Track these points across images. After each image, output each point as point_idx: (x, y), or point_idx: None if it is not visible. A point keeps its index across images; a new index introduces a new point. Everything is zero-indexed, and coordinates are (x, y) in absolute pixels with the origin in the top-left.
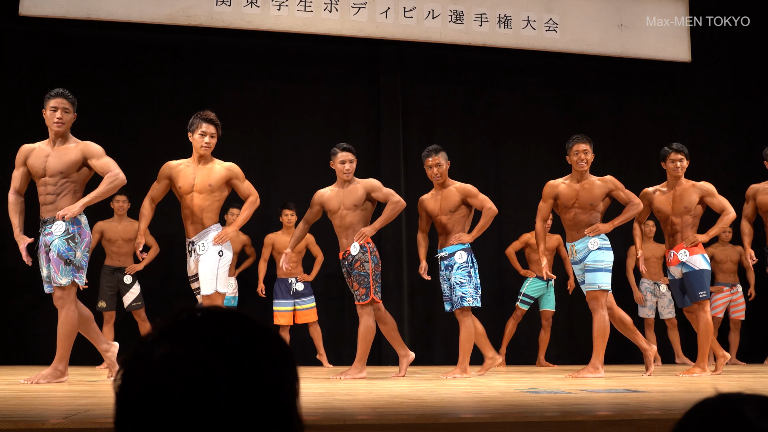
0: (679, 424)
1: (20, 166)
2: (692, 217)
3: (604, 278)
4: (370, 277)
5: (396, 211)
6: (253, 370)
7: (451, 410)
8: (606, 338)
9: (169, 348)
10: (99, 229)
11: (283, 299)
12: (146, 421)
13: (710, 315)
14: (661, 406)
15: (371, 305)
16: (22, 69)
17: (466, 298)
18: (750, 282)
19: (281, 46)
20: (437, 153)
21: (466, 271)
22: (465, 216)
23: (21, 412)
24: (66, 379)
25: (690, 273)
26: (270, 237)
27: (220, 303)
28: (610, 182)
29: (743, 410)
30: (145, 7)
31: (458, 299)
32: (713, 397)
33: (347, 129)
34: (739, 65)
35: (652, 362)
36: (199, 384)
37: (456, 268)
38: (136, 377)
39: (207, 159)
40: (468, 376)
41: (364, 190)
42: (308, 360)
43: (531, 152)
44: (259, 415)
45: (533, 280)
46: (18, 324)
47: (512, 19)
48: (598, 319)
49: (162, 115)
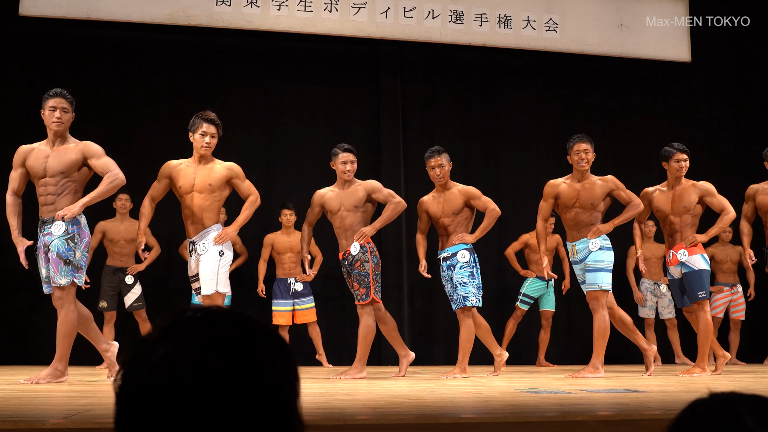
0: (672, 424)
1: (18, 167)
2: (692, 216)
3: (604, 278)
4: (371, 277)
5: (396, 211)
6: (253, 370)
7: (451, 410)
8: (606, 338)
9: (169, 348)
10: (101, 229)
11: (282, 299)
12: (146, 420)
13: (710, 315)
14: (661, 406)
15: (371, 305)
16: (22, 69)
17: (468, 297)
18: (750, 282)
19: (281, 46)
20: (440, 154)
21: (469, 270)
22: (468, 218)
23: (21, 412)
24: (66, 379)
25: (689, 273)
26: (269, 237)
27: (220, 303)
28: (611, 182)
29: (739, 412)
30: (145, 7)
31: (460, 299)
32: (707, 398)
33: (347, 129)
34: (739, 65)
35: (652, 362)
36: (199, 384)
37: (459, 268)
38: (137, 377)
39: (207, 159)
40: (468, 375)
41: (364, 192)
42: (308, 360)
43: (531, 152)
44: (260, 415)
45: (533, 280)
46: (18, 324)
47: (512, 19)
48: (598, 319)
49: (162, 115)
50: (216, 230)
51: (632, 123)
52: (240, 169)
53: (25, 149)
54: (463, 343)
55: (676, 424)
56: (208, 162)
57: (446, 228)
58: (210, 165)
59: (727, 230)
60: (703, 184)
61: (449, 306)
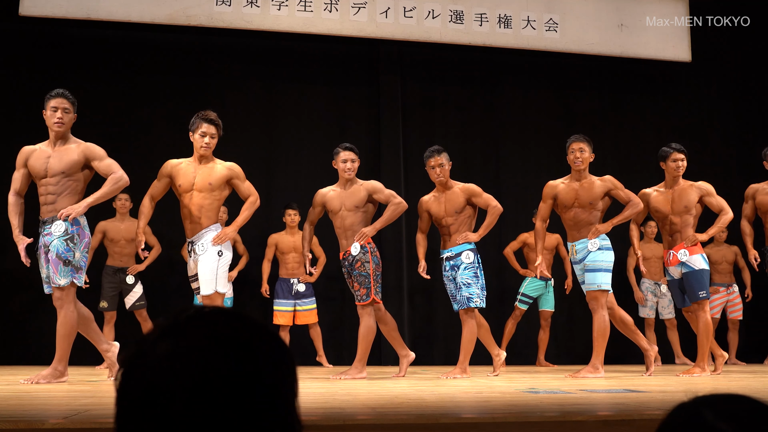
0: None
1: (21, 167)
2: (692, 216)
3: (603, 278)
4: (371, 278)
5: (397, 212)
6: (253, 369)
7: (451, 410)
8: (606, 338)
9: (170, 348)
10: (101, 228)
11: (284, 299)
12: (147, 420)
13: (710, 315)
14: (661, 406)
15: (371, 305)
16: (22, 69)
17: (473, 298)
18: (746, 282)
19: (281, 46)
20: (439, 153)
21: (473, 271)
22: (470, 216)
23: (21, 412)
24: (66, 379)
25: (690, 273)
26: (273, 237)
27: (219, 303)
28: (609, 182)
29: (701, 410)
30: (145, 7)
31: (464, 299)
32: (686, 402)
33: (347, 129)
34: (739, 65)
35: (652, 362)
36: (199, 383)
37: (463, 269)
38: (137, 377)
39: (208, 158)
40: (468, 376)
41: (366, 192)
42: (308, 360)
43: (531, 152)
44: (259, 414)
45: (532, 280)
46: (18, 324)
47: (512, 19)
48: (598, 319)
49: (162, 115)
50: (215, 230)
51: (632, 123)
52: (240, 170)
53: (28, 150)
54: (465, 344)
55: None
56: (208, 162)
57: (449, 227)
58: (210, 164)
59: (723, 230)
60: (702, 184)
61: (449, 306)
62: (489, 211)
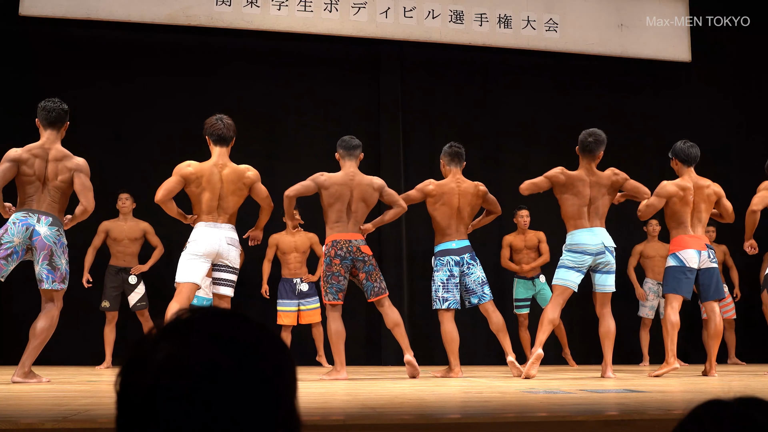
0: (684, 421)
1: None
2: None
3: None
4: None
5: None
6: (253, 371)
7: (451, 410)
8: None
9: (170, 348)
10: (104, 228)
11: (288, 299)
12: (148, 422)
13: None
14: (661, 406)
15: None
16: (22, 69)
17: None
18: (734, 281)
19: (281, 46)
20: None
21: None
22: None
23: (21, 412)
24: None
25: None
26: (274, 237)
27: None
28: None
29: (752, 414)
30: (145, 7)
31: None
32: (725, 400)
33: (347, 129)
34: (739, 65)
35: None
36: (200, 385)
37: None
38: (138, 379)
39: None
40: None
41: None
42: (308, 361)
43: (531, 152)
44: (259, 415)
45: (518, 282)
46: (18, 324)
47: (512, 19)
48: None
49: (162, 115)
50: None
51: (632, 123)
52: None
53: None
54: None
55: (689, 420)
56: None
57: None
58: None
59: (710, 230)
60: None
61: None
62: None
